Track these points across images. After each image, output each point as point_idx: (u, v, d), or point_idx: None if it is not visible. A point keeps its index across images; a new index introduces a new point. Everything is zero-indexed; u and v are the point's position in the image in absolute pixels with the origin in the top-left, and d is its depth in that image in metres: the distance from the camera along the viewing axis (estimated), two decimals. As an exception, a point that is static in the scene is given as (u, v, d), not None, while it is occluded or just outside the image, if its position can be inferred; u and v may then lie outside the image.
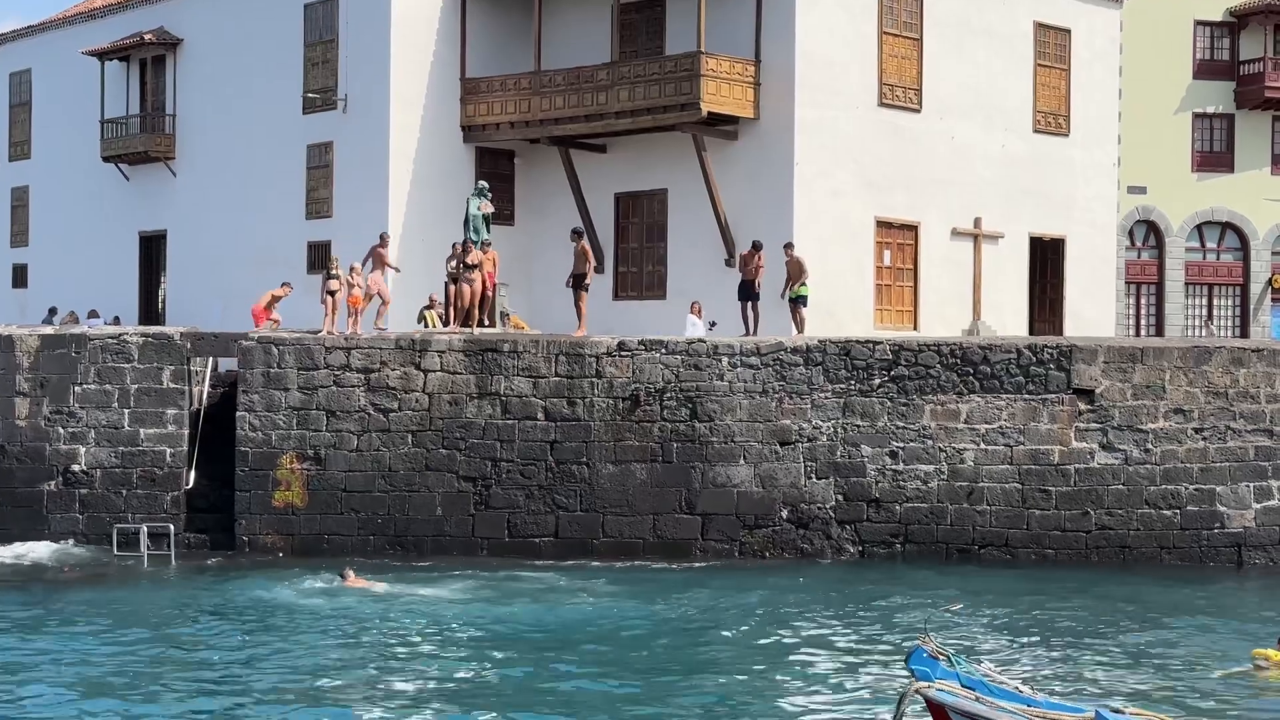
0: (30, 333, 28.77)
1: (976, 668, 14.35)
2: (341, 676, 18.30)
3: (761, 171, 32.70)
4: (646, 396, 27.06)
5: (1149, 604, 23.43)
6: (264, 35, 38.04)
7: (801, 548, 26.81)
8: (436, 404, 27.28)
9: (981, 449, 27.10)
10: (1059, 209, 37.45)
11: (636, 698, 17.30)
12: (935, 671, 13.84)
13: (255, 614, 22.07)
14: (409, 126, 34.96)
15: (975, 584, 24.78)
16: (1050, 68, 37.28)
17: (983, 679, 14.02)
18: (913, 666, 14.02)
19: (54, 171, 44.73)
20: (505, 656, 19.29)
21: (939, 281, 34.84)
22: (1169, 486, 27.22)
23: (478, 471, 27.11)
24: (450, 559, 26.45)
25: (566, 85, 34.00)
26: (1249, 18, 46.85)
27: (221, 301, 37.93)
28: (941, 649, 14.23)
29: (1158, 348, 27.99)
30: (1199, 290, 47.33)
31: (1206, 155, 47.04)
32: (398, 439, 27.20)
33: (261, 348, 27.51)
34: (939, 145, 34.90)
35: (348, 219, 35.68)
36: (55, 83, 44.74)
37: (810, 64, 32.63)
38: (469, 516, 27.05)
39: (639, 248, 35.00)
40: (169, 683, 17.91)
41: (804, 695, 17.48)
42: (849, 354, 27.28)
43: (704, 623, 21.77)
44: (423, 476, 27.15)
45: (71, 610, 22.38)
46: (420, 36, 35.24)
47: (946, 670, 13.89)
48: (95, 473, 27.70)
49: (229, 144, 38.96)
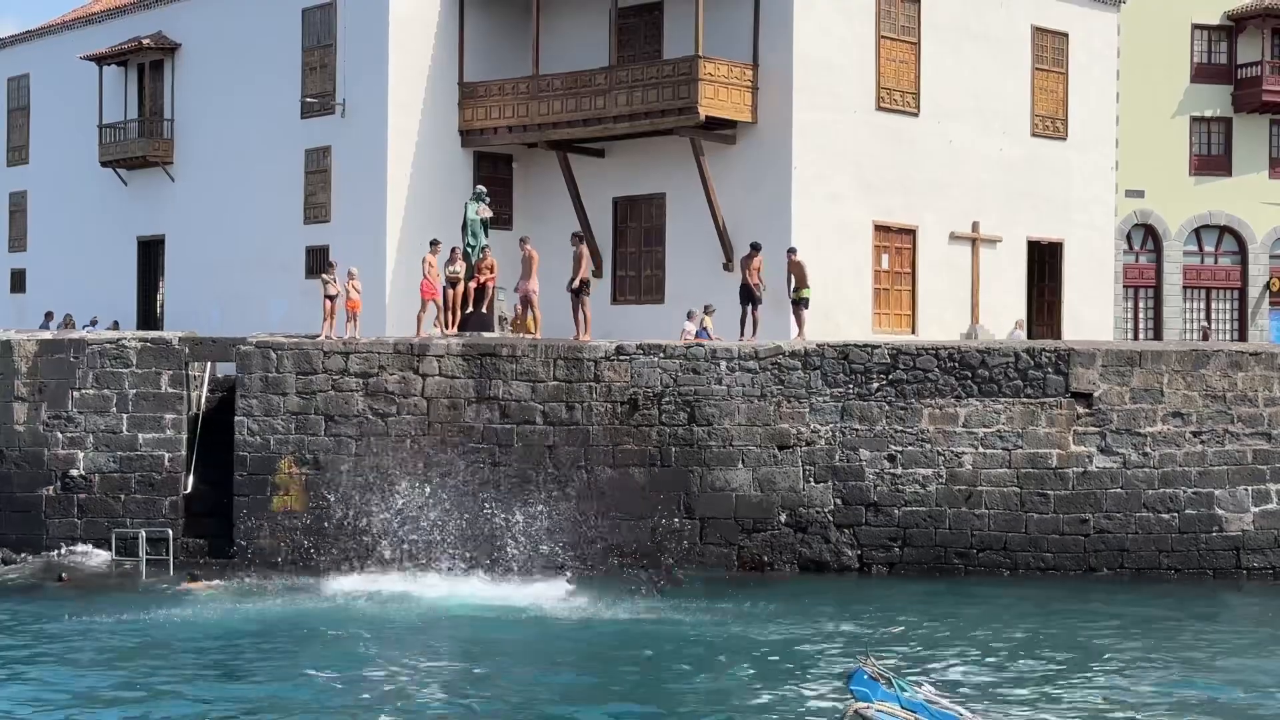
0: (28, 338, 28.77)
1: (918, 690, 14.24)
2: (342, 683, 18.31)
3: (760, 175, 32.71)
4: (645, 400, 27.06)
5: (1128, 617, 23.36)
6: (262, 40, 38.05)
7: (800, 551, 26.81)
8: (435, 408, 27.27)
9: (980, 453, 27.10)
10: (1057, 213, 37.46)
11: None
12: (875, 693, 13.72)
13: (255, 620, 22.09)
14: (407, 131, 34.96)
15: (949, 601, 24.64)
16: (1048, 71, 37.29)
17: (923, 702, 13.92)
18: (853, 688, 13.90)
19: (52, 176, 44.72)
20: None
21: (937, 285, 34.84)
22: (1167, 490, 27.23)
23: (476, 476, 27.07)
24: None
25: (565, 89, 34.00)
26: (1246, 21, 46.87)
27: (220, 306, 37.95)
28: (882, 671, 14.14)
29: (1156, 351, 27.99)
30: (1197, 294, 47.34)
31: (1204, 159, 47.04)
32: (396, 443, 27.18)
33: (260, 352, 27.50)
34: (937, 149, 34.91)
35: (346, 223, 35.67)
36: (53, 87, 44.73)
37: (808, 68, 32.64)
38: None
39: (637, 252, 34.99)
40: (165, 689, 17.92)
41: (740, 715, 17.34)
42: (847, 358, 27.28)
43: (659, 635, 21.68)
44: (421, 481, 27.14)
45: (70, 615, 22.38)
46: (418, 41, 35.24)
47: (887, 692, 13.76)
48: (94, 477, 27.69)
49: (227, 148, 38.96)
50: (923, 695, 14.11)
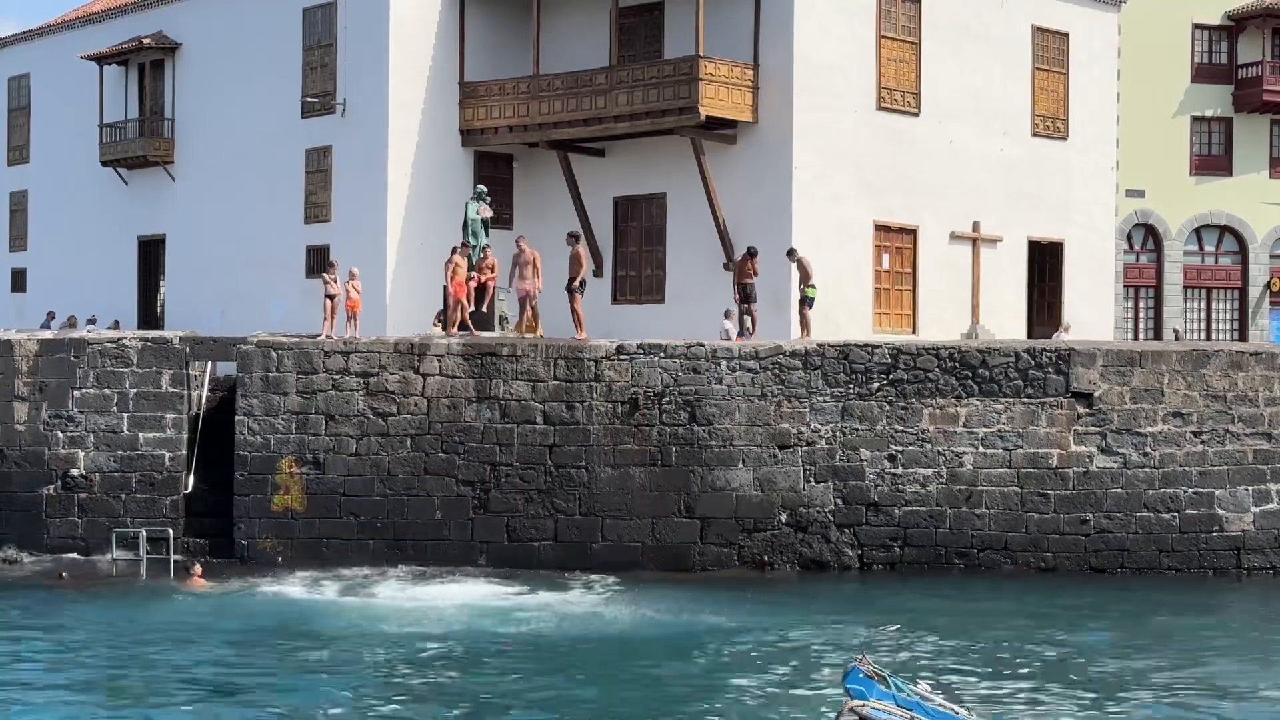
0: (29, 337, 28.76)
1: (913, 689, 14.23)
2: (342, 684, 18.31)
3: (760, 175, 32.71)
4: (645, 400, 27.06)
5: (1123, 619, 23.35)
6: (262, 39, 38.04)
7: (800, 551, 26.82)
8: (435, 408, 27.27)
9: (980, 452, 27.10)
10: (1057, 212, 37.47)
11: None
12: (871, 692, 13.71)
13: (255, 620, 22.09)
14: (408, 130, 34.96)
15: (949, 601, 24.62)
16: (1048, 71, 37.29)
17: (919, 700, 13.92)
18: (848, 686, 13.90)
19: (53, 176, 44.72)
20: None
21: (937, 285, 34.85)
22: (1168, 490, 27.24)
23: (476, 475, 27.10)
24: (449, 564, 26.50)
25: (565, 89, 34.00)
26: (1247, 21, 46.88)
27: (220, 305, 37.95)
28: (878, 670, 14.13)
29: (1156, 351, 28.00)
30: (1197, 294, 47.35)
31: (1205, 159, 47.06)
32: (396, 443, 27.20)
33: (260, 352, 27.51)
34: (937, 149, 34.90)
35: (346, 223, 35.67)
36: (54, 87, 44.74)
37: (808, 68, 32.64)
38: (468, 520, 27.03)
39: (638, 251, 34.98)
40: (165, 688, 17.93)
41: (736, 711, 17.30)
42: (848, 358, 27.28)
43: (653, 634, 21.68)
44: (421, 480, 27.15)
45: (69, 614, 22.39)
46: (419, 40, 35.24)
47: (882, 691, 13.75)
48: (94, 477, 27.69)
49: (228, 148, 38.96)
50: (918, 693, 14.11)
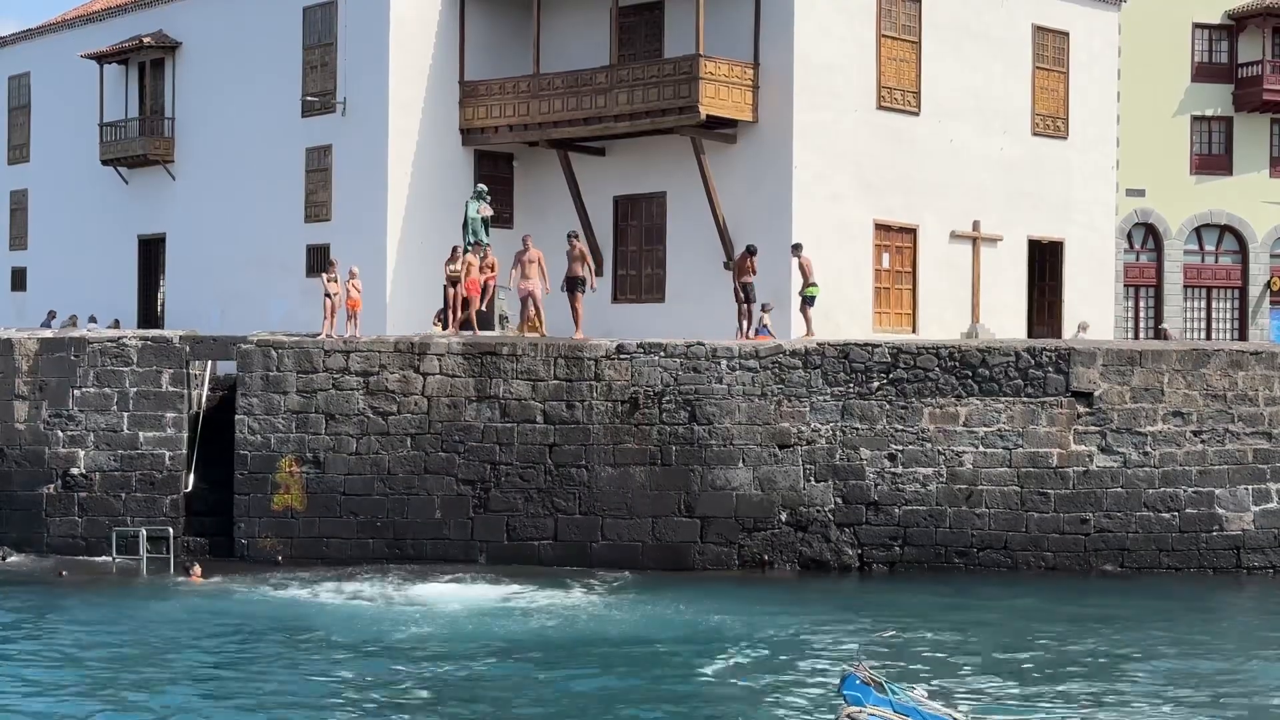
0: (29, 336, 28.77)
1: (910, 694, 14.21)
2: (342, 684, 18.31)
3: (760, 175, 32.71)
4: (645, 399, 27.06)
5: (1120, 620, 23.34)
6: (263, 38, 38.03)
7: (800, 551, 26.82)
8: (435, 407, 27.28)
9: (980, 452, 27.10)
10: (1057, 212, 37.46)
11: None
12: (868, 698, 13.67)
13: (255, 620, 22.09)
14: (408, 130, 34.96)
15: (949, 601, 24.60)
16: (1049, 70, 37.28)
17: (916, 705, 13.88)
18: (845, 693, 13.86)
19: (53, 175, 44.72)
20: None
21: (937, 284, 34.84)
22: (1168, 489, 27.24)
23: (477, 475, 27.11)
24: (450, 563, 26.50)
25: (565, 88, 33.99)
26: (1247, 20, 46.85)
27: (220, 305, 37.95)
28: (874, 676, 14.11)
29: (1156, 350, 28.00)
30: (1198, 293, 47.35)
31: (1205, 158, 47.04)
32: (397, 442, 27.21)
33: (260, 351, 27.52)
34: (937, 148, 34.90)
35: (346, 222, 35.66)
36: (54, 86, 44.73)
37: (809, 67, 32.63)
38: (468, 519, 27.05)
39: (638, 250, 34.98)
40: (165, 687, 17.93)
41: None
42: (848, 357, 27.29)
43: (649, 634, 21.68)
44: (422, 480, 27.16)
45: (69, 614, 22.39)
46: (419, 39, 35.23)
47: (879, 697, 13.70)
48: (94, 476, 27.70)
49: (228, 147, 38.95)
50: (915, 698, 14.06)
